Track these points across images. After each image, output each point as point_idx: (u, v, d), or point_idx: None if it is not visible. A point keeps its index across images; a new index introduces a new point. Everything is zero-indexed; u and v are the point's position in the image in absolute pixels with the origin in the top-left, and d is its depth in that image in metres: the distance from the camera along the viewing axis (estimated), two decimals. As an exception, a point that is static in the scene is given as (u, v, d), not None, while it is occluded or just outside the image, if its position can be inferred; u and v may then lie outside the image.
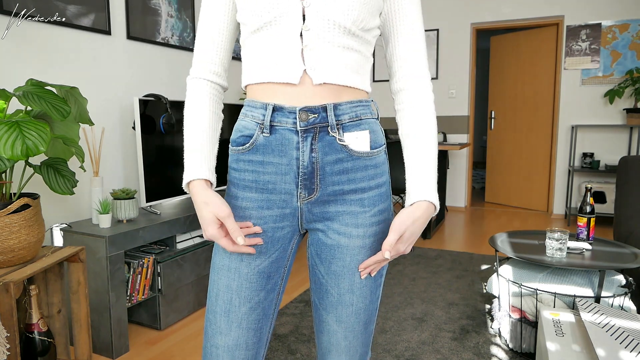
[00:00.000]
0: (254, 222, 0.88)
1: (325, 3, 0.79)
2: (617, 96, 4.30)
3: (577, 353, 1.45)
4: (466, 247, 3.73)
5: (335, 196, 0.86)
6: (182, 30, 2.86)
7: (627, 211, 2.53)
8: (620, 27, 4.41)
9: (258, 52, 0.84)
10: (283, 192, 0.86)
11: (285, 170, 0.85)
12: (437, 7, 5.09)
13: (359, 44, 0.84)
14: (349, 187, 0.86)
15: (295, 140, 0.83)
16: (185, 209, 2.49)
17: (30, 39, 2.03)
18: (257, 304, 0.89)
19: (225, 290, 0.88)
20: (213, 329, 0.90)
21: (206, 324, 0.92)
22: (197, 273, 2.43)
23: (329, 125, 0.83)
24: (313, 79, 0.81)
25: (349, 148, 0.84)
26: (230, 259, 0.88)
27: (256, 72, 0.85)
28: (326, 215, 0.88)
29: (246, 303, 0.88)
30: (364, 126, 0.86)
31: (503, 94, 5.34)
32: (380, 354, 2.01)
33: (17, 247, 1.52)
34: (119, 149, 2.49)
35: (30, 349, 1.60)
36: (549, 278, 1.94)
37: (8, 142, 1.36)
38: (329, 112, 0.82)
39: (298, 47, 0.81)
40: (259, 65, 0.85)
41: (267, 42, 0.83)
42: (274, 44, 0.82)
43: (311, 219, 0.89)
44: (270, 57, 0.83)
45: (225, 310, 0.88)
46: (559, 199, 4.85)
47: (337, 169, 0.85)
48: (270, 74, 0.83)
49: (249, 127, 0.87)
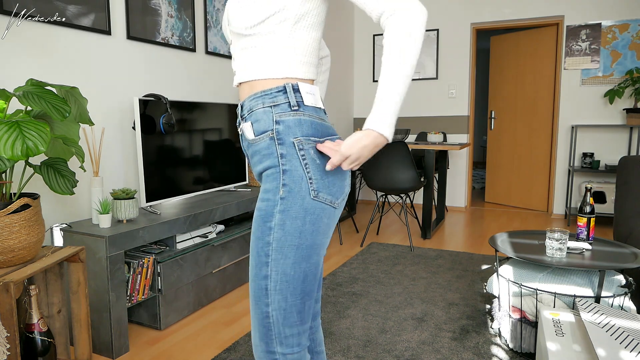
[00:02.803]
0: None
1: (229, 20, 1.01)
2: (617, 96, 4.30)
3: (577, 353, 1.45)
4: (466, 247, 3.73)
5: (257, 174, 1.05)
6: (182, 30, 2.85)
7: (627, 211, 2.53)
8: (620, 27, 4.41)
9: None
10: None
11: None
12: (437, 7, 5.09)
13: (255, 40, 0.98)
14: (255, 168, 1.03)
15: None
16: (186, 209, 2.49)
17: (30, 39, 2.03)
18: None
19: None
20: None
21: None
22: (197, 273, 2.43)
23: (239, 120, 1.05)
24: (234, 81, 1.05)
25: (245, 137, 1.02)
26: None
27: None
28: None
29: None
30: (251, 117, 1.00)
31: (503, 94, 5.34)
32: (380, 354, 2.01)
33: (17, 247, 1.52)
34: (119, 149, 2.49)
35: (30, 349, 1.60)
36: (549, 278, 1.94)
37: (8, 142, 1.36)
38: (238, 109, 1.05)
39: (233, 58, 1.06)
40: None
41: None
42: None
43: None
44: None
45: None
46: (559, 199, 4.85)
47: (249, 153, 1.04)
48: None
49: None
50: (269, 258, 0.98)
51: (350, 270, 3.13)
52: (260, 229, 0.98)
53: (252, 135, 0.99)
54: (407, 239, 4.00)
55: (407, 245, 3.77)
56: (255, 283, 1.00)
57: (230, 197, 2.82)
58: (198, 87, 3.04)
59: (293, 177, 0.96)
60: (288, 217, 0.96)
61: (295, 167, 0.96)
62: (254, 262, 1.00)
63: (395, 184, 3.64)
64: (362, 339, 2.14)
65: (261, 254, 0.98)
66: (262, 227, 0.98)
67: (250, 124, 0.99)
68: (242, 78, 1.02)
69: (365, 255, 3.48)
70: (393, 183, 3.64)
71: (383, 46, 0.91)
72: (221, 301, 2.61)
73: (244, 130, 1.02)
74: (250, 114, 0.99)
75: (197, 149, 2.66)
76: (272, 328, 1.00)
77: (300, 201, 0.96)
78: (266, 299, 0.99)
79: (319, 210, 0.97)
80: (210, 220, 2.52)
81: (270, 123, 0.97)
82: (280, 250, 0.97)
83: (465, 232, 4.26)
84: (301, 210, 0.96)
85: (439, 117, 5.24)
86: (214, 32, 3.15)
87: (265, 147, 0.97)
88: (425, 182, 3.83)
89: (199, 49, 3.03)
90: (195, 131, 2.65)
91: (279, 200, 0.96)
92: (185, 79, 2.93)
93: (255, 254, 1.00)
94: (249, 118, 0.99)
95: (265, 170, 0.99)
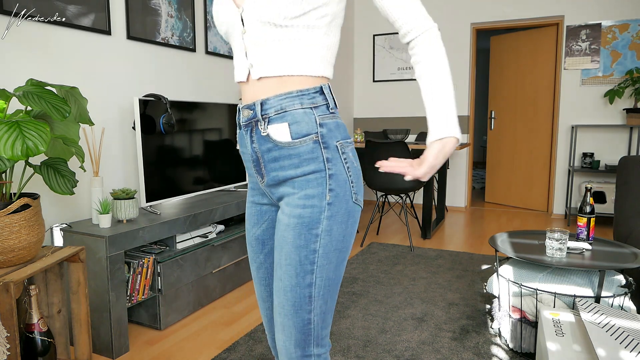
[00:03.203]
0: (250, 199, 1.11)
1: (253, 6, 0.90)
2: (617, 96, 4.30)
3: (577, 353, 1.45)
4: (466, 247, 3.73)
5: (277, 181, 0.97)
6: (182, 30, 2.85)
7: (627, 211, 2.53)
8: (620, 27, 4.41)
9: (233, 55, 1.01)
10: (253, 176, 1.04)
11: (248, 159, 1.01)
12: (437, 7, 5.09)
13: (293, 33, 0.91)
14: (282, 173, 0.96)
15: (245, 134, 0.99)
16: (186, 209, 2.49)
17: (30, 39, 2.03)
18: (260, 264, 1.10)
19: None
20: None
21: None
22: (197, 273, 2.43)
23: (258, 120, 0.95)
24: (252, 75, 0.94)
25: (272, 138, 0.94)
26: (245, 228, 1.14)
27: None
28: (278, 194, 1.00)
29: (253, 263, 1.11)
30: (286, 118, 0.92)
31: (503, 94, 5.34)
32: (380, 354, 2.01)
33: (17, 247, 1.52)
34: (119, 149, 2.49)
35: (30, 349, 1.60)
36: (549, 278, 1.94)
37: (8, 142, 1.36)
38: (257, 108, 0.94)
39: (243, 49, 0.95)
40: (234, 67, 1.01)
41: (232, 47, 1.01)
42: (234, 49, 0.99)
43: (275, 198, 1.02)
44: (234, 60, 1.00)
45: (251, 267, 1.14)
46: (559, 199, 4.85)
47: (271, 157, 0.96)
48: (235, 75, 1.00)
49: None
50: (315, 265, 0.95)
51: (350, 270, 3.13)
52: (303, 237, 0.94)
53: (289, 138, 0.92)
54: (407, 239, 4.00)
55: (407, 245, 3.77)
56: (295, 292, 0.96)
57: (230, 197, 2.82)
58: (198, 87, 3.04)
59: (339, 182, 0.94)
60: (335, 222, 0.95)
61: (340, 171, 0.94)
62: (293, 271, 0.95)
63: (395, 184, 3.64)
64: (362, 339, 2.14)
65: (305, 262, 0.95)
66: (307, 234, 0.94)
67: (287, 125, 0.92)
68: (268, 72, 0.92)
69: (365, 255, 3.48)
70: (393, 183, 3.64)
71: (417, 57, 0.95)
72: (221, 301, 2.61)
73: (272, 131, 0.93)
74: (284, 115, 0.92)
75: (197, 149, 2.66)
76: (312, 333, 0.99)
77: (345, 205, 0.95)
78: (309, 306, 0.97)
79: (356, 213, 0.99)
80: (210, 220, 2.51)
81: (313, 126, 0.93)
82: (326, 256, 0.95)
83: (465, 232, 4.26)
84: (345, 214, 0.96)
85: (439, 117, 5.23)
86: (214, 32, 3.15)
87: (308, 151, 0.93)
88: (425, 182, 3.83)
89: (199, 49, 3.03)
90: (195, 131, 2.65)
91: (325, 206, 0.93)
92: (185, 79, 2.93)
93: (296, 262, 0.95)
94: (282, 119, 0.92)
95: (304, 175, 0.94)
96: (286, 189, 0.96)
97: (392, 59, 5.40)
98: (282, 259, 0.96)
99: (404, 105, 5.41)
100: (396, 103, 5.44)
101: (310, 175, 0.93)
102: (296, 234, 0.94)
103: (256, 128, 0.95)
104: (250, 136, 0.97)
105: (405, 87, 5.37)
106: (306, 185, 0.93)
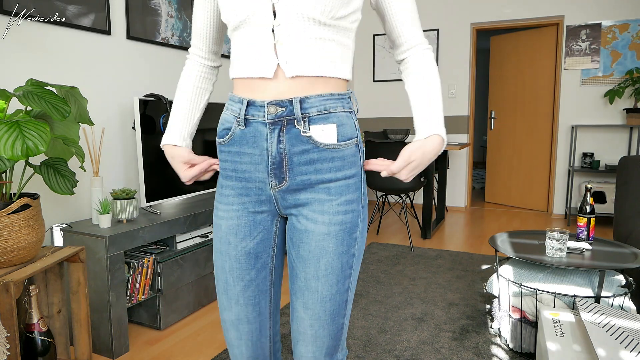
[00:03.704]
0: (235, 208, 0.96)
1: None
2: (617, 96, 4.30)
3: (577, 353, 1.45)
4: (466, 247, 3.73)
5: (304, 185, 0.91)
6: (182, 30, 2.85)
7: (627, 211, 2.53)
8: (620, 27, 4.41)
9: (238, 48, 0.91)
10: (257, 180, 0.93)
11: (258, 160, 0.91)
12: (437, 7, 5.09)
13: (333, 33, 0.87)
14: (316, 177, 0.90)
15: (265, 132, 0.88)
16: (186, 209, 2.49)
17: (30, 39, 2.03)
18: (250, 281, 0.98)
19: (221, 272, 0.99)
20: (220, 305, 1.01)
21: (217, 300, 1.03)
22: (197, 273, 2.43)
23: (295, 118, 0.87)
24: (286, 72, 0.86)
25: (314, 140, 0.88)
26: (220, 242, 0.98)
27: (238, 67, 0.92)
28: (298, 201, 0.93)
29: (239, 282, 0.97)
30: (332, 119, 0.88)
31: (503, 94, 5.34)
32: (380, 354, 2.01)
33: (17, 247, 1.52)
34: (119, 149, 2.49)
35: (30, 349, 1.60)
36: (549, 278, 1.94)
37: (8, 142, 1.36)
38: (295, 106, 0.86)
39: (271, 43, 0.86)
40: (240, 61, 0.91)
41: (245, 39, 0.89)
42: (250, 41, 0.88)
43: (285, 205, 0.94)
44: (248, 53, 0.89)
45: (224, 289, 0.99)
46: (559, 199, 4.85)
47: (304, 160, 0.89)
48: (248, 69, 0.89)
49: (229, 120, 0.94)
50: (352, 269, 0.94)
51: (350, 270, 3.13)
52: (345, 243, 0.92)
53: (335, 140, 0.89)
54: (407, 239, 4.00)
55: (407, 245, 3.77)
56: (335, 300, 0.93)
57: (230, 197, 2.82)
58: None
59: (365, 185, 0.97)
60: (364, 224, 0.96)
61: (364, 175, 0.97)
62: (334, 279, 0.92)
63: (395, 184, 3.64)
64: (362, 339, 2.15)
65: (346, 268, 0.93)
66: (348, 239, 0.92)
67: (336, 127, 0.88)
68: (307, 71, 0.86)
69: (365, 255, 3.48)
70: (393, 183, 3.64)
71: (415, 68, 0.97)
72: (221, 301, 2.61)
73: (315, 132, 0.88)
74: (328, 116, 0.88)
75: (197, 149, 2.66)
76: (341, 338, 0.98)
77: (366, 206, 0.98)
78: (344, 310, 0.96)
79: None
80: (210, 220, 2.51)
81: (354, 130, 0.92)
82: (359, 259, 0.96)
83: (465, 232, 4.26)
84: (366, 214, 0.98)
85: (439, 117, 5.24)
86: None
87: (351, 155, 0.91)
88: (425, 182, 3.84)
89: (199, 49, 3.03)
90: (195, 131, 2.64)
91: (361, 209, 0.94)
92: (185, 79, 2.92)
93: (338, 270, 0.92)
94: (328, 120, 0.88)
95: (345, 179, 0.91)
96: (317, 196, 0.91)
97: (392, 58, 5.40)
98: (321, 269, 0.91)
99: (404, 105, 5.41)
100: (396, 103, 5.44)
101: (350, 179, 0.92)
102: (339, 241, 0.91)
103: (289, 127, 0.87)
104: (277, 135, 0.88)
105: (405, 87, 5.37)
106: (346, 191, 0.91)
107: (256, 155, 0.91)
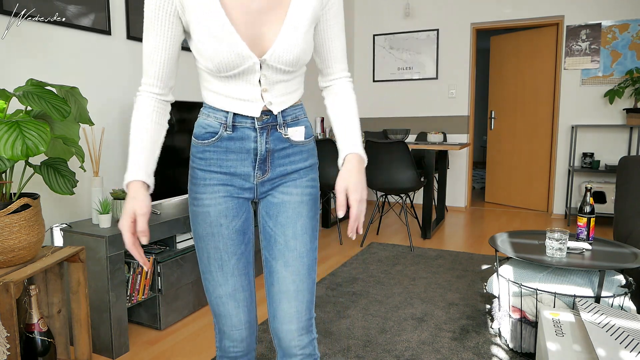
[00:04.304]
0: (221, 195, 1.11)
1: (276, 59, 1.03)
2: (617, 96, 4.30)
3: (577, 353, 1.45)
4: (466, 247, 3.73)
5: (282, 174, 1.14)
6: (182, 30, 2.85)
7: (627, 211, 2.53)
8: (620, 27, 4.41)
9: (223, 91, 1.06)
10: (242, 173, 1.11)
11: (244, 157, 1.09)
12: (437, 7, 5.09)
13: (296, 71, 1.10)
14: (291, 167, 1.14)
15: (253, 135, 1.08)
16: (185, 209, 2.49)
17: (30, 39, 2.03)
18: (241, 254, 1.15)
19: (214, 251, 1.12)
20: (213, 284, 1.14)
21: (205, 283, 1.16)
22: (197, 273, 2.43)
23: (277, 124, 1.10)
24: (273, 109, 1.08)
25: (290, 139, 1.13)
26: (211, 226, 1.12)
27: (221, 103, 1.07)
28: (274, 184, 1.14)
29: (233, 256, 1.13)
30: (300, 123, 1.15)
31: (503, 94, 5.34)
32: (380, 354, 2.01)
33: (17, 247, 1.52)
34: (119, 149, 2.49)
35: (30, 349, 1.60)
36: (549, 278, 1.94)
37: (8, 142, 1.36)
38: (278, 116, 1.10)
39: (258, 90, 1.06)
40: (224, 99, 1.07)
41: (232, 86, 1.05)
42: (239, 88, 1.06)
43: (263, 190, 1.14)
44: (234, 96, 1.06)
45: (219, 266, 1.13)
46: (559, 199, 4.86)
47: (283, 154, 1.12)
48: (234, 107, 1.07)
49: (213, 125, 1.08)
50: (316, 231, 1.17)
51: (350, 270, 3.13)
52: (313, 209, 1.16)
53: (303, 138, 1.15)
54: (407, 239, 4.00)
55: (407, 245, 3.77)
56: (310, 255, 1.14)
57: (230, 197, 2.82)
58: (198, 87, 3.03)
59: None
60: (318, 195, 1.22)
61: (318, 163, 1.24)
62: (308, 238, 1.14)
63: (395, 184, 3.64)
64: (362, 339, 2.15)
65: (315, 229, 1.16)
66: (314, 207, 1.17)
67: (304, 128, 1.15)
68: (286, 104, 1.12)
69: (365, 255, 3.48)
70: (393, 183, 3.64)
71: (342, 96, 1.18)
72: (221, 301, 2.61)
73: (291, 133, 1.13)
74: (297, 121, 1.14)
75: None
76: (314, 294, 1.17)
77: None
78: (315, 266, 1.17)
79: None
80: (210, 220, 2.51)
81: (311, 130, 1.20)
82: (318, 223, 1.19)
83: (465, 232, 4.26)
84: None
85: (438, 117, 5.24)
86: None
87: (312, 148, 1.19)
88: (425, 182, 3.83)
89: (199, 49, 3.03)
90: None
91: (318, 187, 1.20)
92: (185, 78, 2.93)
93: (310, 230, 1.15)
94: (298, 123, 1.14)
95: (310, 166, 1.18)
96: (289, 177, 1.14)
97: (392, 58, 5.40)
98: (298, 230, 1.13)
99: (404, 105, 5.41)
100: (396, 103, 5.44)
101: (313, 165, 1.19)
102: (309, 207, 1.15)
103: (272, 131, 1.10)
104: (264, 136, 1.09)
105: (405, 87, 5.37)
106: (310, 172, 1.18)
107: (243, 153, 1.09)
